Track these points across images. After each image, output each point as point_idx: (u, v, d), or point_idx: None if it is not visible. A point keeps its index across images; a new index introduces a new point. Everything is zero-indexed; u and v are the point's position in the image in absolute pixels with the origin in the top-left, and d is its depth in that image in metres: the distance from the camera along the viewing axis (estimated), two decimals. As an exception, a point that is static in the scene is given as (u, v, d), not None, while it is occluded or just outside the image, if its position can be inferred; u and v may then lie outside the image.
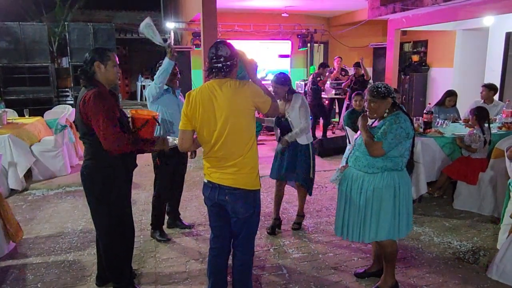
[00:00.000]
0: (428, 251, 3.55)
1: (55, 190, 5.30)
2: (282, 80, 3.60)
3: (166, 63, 3.41)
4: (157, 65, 3.55)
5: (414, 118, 5.15)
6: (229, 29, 9.87)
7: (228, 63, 2.26)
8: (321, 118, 8.34)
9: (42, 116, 6.63)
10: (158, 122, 2.86)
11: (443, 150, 4.51)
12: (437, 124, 5.03)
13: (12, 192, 5.18)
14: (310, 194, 3.98)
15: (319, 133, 8.68)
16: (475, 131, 4.30)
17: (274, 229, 3.95)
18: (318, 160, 6.72)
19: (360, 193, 2.72)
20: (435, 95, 9.33)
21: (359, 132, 2.86)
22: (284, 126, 3.71)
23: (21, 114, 6.64)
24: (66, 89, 10.24)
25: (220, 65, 2.25)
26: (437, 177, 4.67)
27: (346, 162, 2.95)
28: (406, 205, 2.71)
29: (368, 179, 2.68)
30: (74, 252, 3.61)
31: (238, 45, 2.90)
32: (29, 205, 4.78)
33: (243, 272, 2.51)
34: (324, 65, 8.14)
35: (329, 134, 8.58)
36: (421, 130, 4.73)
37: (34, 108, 8.05)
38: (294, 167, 3.77)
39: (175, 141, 2.99)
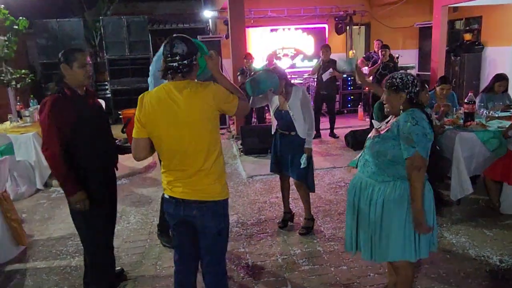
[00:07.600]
0: (459, 268, 3.05)
1: (78, 187, 5.32)
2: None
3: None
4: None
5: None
6: (262, 15, 9.47)
7: (185, 62, 1.96)
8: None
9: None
10: None
11: (486, 146, 3.90)
12: (481, 114, 4.39)
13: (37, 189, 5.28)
14: (312, 190, 3.70)
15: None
16: None
17: (286, 223, 3.88)
18: (350, 152, 6.26)
19: (370, 204, 2.34)
20: (490, 78, 8.36)
21: (373, 130, 2.47)
22: (283, 118, 3.50)
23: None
24: (105, 83, 10.46)
25: (175, 64, 1.96)
26: (474, 174, 4.08)
27: (356, 166, 2.58)
28: (427, 220, 2.27)
29: (378, 189, 2.30)
30: (78, 256, 3.53)
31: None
32: (51, 203, 4.85)
33: None
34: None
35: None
36: (461, 122, 4.15)
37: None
38: (289, 161, 3.55)
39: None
